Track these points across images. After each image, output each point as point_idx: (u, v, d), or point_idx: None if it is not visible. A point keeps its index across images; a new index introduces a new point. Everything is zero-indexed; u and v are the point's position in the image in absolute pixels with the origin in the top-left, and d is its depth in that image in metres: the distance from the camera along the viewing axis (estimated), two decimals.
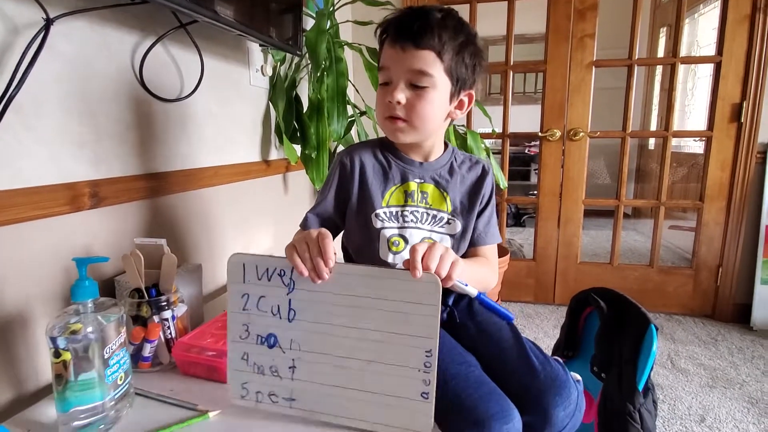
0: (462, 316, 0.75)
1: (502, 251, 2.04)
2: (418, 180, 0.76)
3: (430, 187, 0.77)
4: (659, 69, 3.73)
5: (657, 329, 0.80)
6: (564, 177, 2.11)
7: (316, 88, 1.46)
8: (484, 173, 0.80)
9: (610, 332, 0.87)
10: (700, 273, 2.02)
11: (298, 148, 1.49)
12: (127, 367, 0.62)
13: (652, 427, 0.78)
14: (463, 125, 1.81)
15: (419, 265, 0.51)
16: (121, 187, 0.86)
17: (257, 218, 1.38)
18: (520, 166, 3.98)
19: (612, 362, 0.84)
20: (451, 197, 0.77)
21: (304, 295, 0.56)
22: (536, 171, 2.44)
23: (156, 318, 0.73)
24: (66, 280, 0.75)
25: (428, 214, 0.76)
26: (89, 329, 0.56)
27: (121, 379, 0.61)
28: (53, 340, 0.54)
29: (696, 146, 3.13)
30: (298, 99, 1.52)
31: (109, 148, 0.84)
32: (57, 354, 0.54)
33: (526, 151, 3.99)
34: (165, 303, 0.73)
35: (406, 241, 0.75)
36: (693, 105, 3.21)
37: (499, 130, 2.11)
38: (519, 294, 2.21)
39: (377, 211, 0.74)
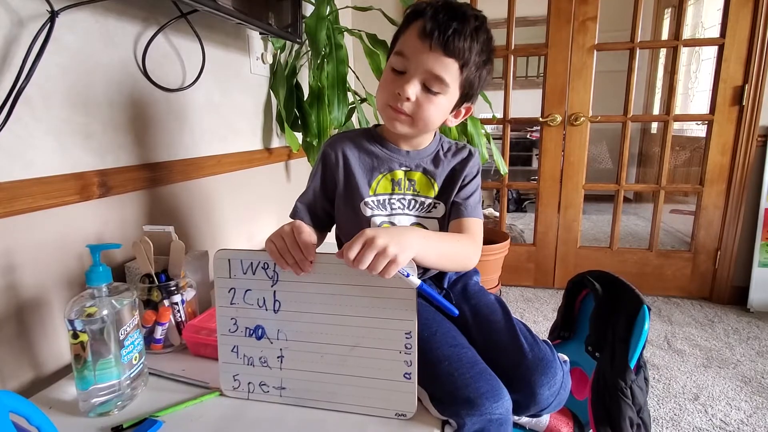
0: (457, 298, 0.77)
1: (502, 236, 2.06)
2: (404, 168, 0.77)
3: (417, 175, 0.77)
4: (663, 51, 3.69)
5: (649, 309, 0.82)
6: (564, 162, 2.11)
7: (316, 75, 1.46)
8: (469, 156, 0.79)
9: (605, 313, 0.90)
10: (698, 256, 2.05)
11: (299, 135, 1.51)
12: (141, 348, 0.66)
13: (643, 402, 0.81)
14: None
15: (350, 263, 0.52)
16: (127, 176, 0.88)
17: (260, 206, 1.40)
18: (522, 152, 3.97)
19: (605, 342, 0.87)
20: (438, 183, 0.78)
21: (287, 286, 0.58)
22: (537, 156, 2.45)
23: (166, 302, 0.76)
24: (79, 267, 0.78)
25: (415, 201, 0.77)
26: (104, 312, 0.59)
27: (135, 359, 0.64)
28: (71, 322, 0.57)
29: (699, 130, 3.12)
30: (298, 86, 1.52)
31: (114, 138, 0.86)
32: (75, 335, 0.57)
33: (528, 136, 3.98)
34: (174, 287, 0.76)
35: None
36: (697, 88, 3.18)
37: (499, 115, 2.12)
38: (519, 278, 2.24)
39: (366, 200, 0.75)
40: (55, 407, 0.62)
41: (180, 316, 0.77)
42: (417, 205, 0.78)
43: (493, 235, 2.14)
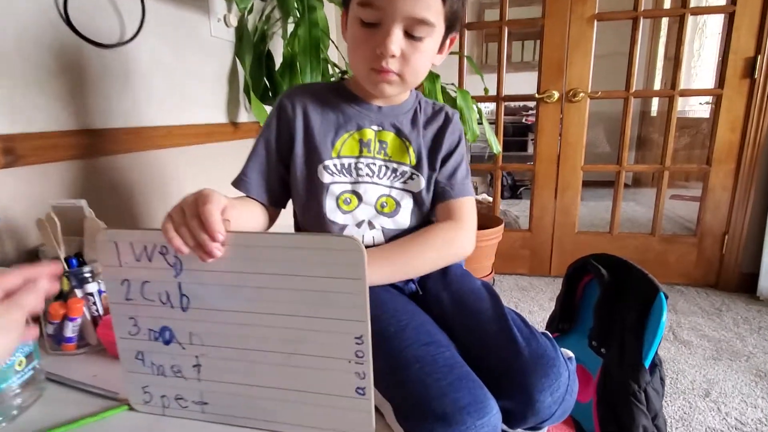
0: (435, 285, 0.64)
1: (495, 221, 1.93)
2: (375, 127, 0.65)
3: (389, 136, 0.65)
4: (664, 30, 3.54)
5: (666, 297, 0.69)
6: (562, 142, 1.98)
7: (290, 42, 1.31)
8: (447, 120, 0.68)
9: (612, 302, 0.77)
10: (704, 241, 1.92)
11: (270, 109, 1.36)
12: (31, 350, 0.52)
13: (659, 407, 0.68)
14: (453, 84, 1.67)
15: None
16: (44, 143, 0.74)
17: (226, 186, 1.26)
18: (517, 137, 3.83)
19: (613, 335, 0.74)
20: (414, 148, 0.65)
21: (195, 276, 0.44)
22: (533, 141, 2.31)
23: (79, 292, 0.62)
24: None
25: (387, 168, 0.64)
26: None
27: (20, 365, 0.50)
28: None
29: (701, 110, 2.99)
30: (269, 55, 1.37)
31: (27, 97, 0.72)
32: None
33: (524, 121, 3.84)
34: (89, 274, 0.62)
35: (359, 198, 0.63)
36: (700, 66, 3.04)
37: (493, 92, 1.97)
38: (513, 266, 2.12)
39: (326, 163, 0.62)
40: None
41: (96, 310, 0.63)
42: (389, 173, 0.64)
43: (485, 220, 2.01)
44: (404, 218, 0.66)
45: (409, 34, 0.56)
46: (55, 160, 0.76)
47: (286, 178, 0.66)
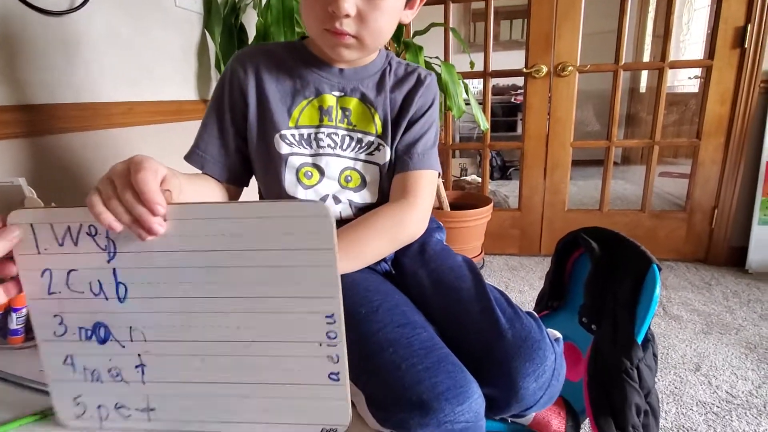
0: (412, 263, 0.59)
1: (484, 201, 1.89)
2: (337, 93, 0.58)
3: (353, 102, 0.58)
4: (652, 6, 3.48)
5: (660, 269, 0.65)
6: (551, 118, 1.93)
7: (262, 12, 1.23)
8: (419, 83, 0.61)
9: (603, 276, 0.73)
10: (694, 216, 1.91)
11: None
12: None
13: (652, 384, 0.65)
14: (438, 57, 1.60)
15: None
16: None
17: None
18: (506, 116, 3.77)
19: (605, 311, 0.70)
20: (380, 115, 0.59)
21: (132, 260, 0.38)
22: (522, 120, 2.26)
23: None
24: None
25: (351, 138, 0.58)
26: None
27: None
28: None
29: (690, 85, 2.96)
30: (242, 27, 1.29)
31: None
32: None
33: (512, 100, 3.78)
34: None
35: (321, 172, 0.58)
36: (689, 40, 3.00)
37: (480, 68, 1.91)
38: (503, 246, 2.09)
39: (282, 132, 0.56)
40: None
41: None
42: (354, 144, 0.58)
43: (474, 199, 1.97)
44: (372, 192, 0.60)
45: None
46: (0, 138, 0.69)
47: (245, 151, 0.60)
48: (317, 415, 0.40)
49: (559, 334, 0.52)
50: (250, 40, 1.29)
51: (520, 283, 1.78)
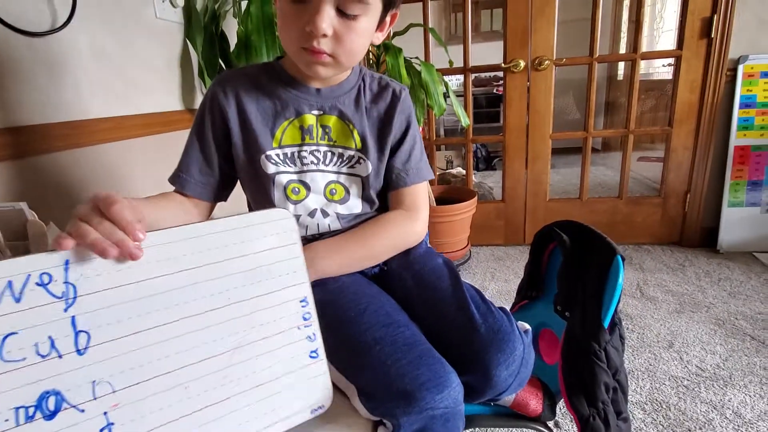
0: (398, 266, 0.64)
1: (469, 194, 1.94)
2: (316, 111, 0.62)
3: (332, 119, 0.62)
4: None
5: (623, 259, 0.71)
6: (530, 111, 1.99)
7: (243, 20, 1.25)
8: (395, 99, 0.65)
9: (574, 267, 0.79)
10: (668, 201, 1.99)
11: None
12: None
13: (619, 363, 0.71)
14: (417, 57, 1.64)
15: None
16: None
17: None
18: (489, 107, 3.82)
19: (575, 299, 0.76)
20: (359, 131, 0.63)
21: (100, 299, 0.35)
22: (503, 112, 2.31)
23: None
24: None
25: (333, 153, 0.62)
26: None
27: None
28: None
29: (665, 72, 3.04)
30: (223, 36, 1.31)
31: None
32: None
33: (495, 91, 3.83)
34: None
35: (307, 187, 0.62)
36: (663, 28, 3.07)
37: (460, 63, 1.95)
38: (489, 237, 2.15)
39: (267, 153, 0.60)
40: None
41: None
42: (335, 159, 0.62)
43: (459, 193, 2.02)
44: (355, 204, 0.64)
45: (341, 12, 0.52)
46: None
47: (227, 169, 0.63)
48: (306, 399, 0.43)
49: (528, 326, 0.58)
50: (232, 47, 1.31)
51: (505, 272, 1.85)
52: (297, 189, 0.61)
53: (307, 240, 0.63)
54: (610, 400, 0.70)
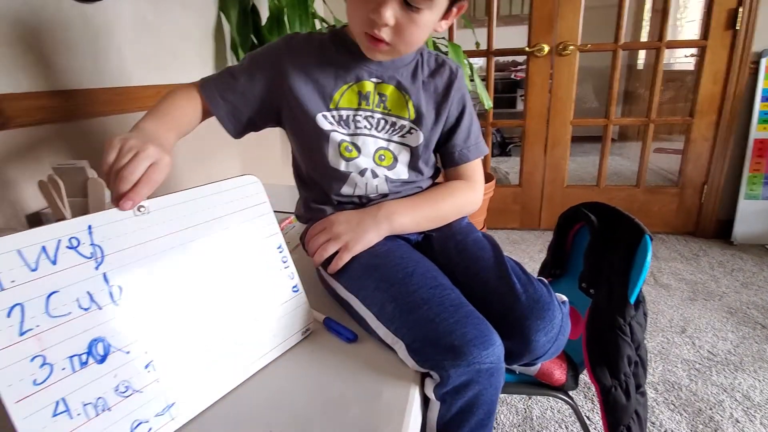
0: (441, 235, 0.67)
1: (487, 177, 1.96)
2: (375, 79, 0.64)
3: (389, 89, 0.64)
4: None
5: (651, 239, 0.73)
6: (552, 97, 1.98)
7: None
8: (452, 76, 0.67)
9: (601, 246, 0.81)
10: (685, 191, 2.00)
11: None
12: None
13: (641, 339, 0.74)
14: (444, 38, 1.64)
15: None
16: (32, 104, 0.72)
17: (218, 145, 1.24)
18: (506, 93, 3.79)
19: (602, 277, 0.79)
20: (414, 102, 0.65)
21: (125, 257, 0.40)
22: (522, 98, 2.29)
23: None
24: None
25: (386, 121, 0.65)
26: None
27: None
28: None
29: (686, 63, 2.99)
30: (255, 10, 1.32)
31: (9, 56, 0.69)
32: None
33: (512, 76, 3.79)
34: None
35: (358, 150, 0.64)
36: (686, 18, 3.02)
37: (483, 46, 1.94)
38: (505, 220, 2.17)
39: (325, 113, 0.62)
40: None
41: None
42: (388, 127, 0.65)
43: None
44: (402, 170, 0.67)
45: (407, 3, 0.53)
46: (44, 123, 0.74)
47: (255, 119, 0.64)
48: (294, 324, 0.54)
49: (565, 298, 0.61)
50: (263, 21, 1.32)
51: (520, 255, 1.88)
52: (350, 148, 0.63)
53: (354, 204, 0.66)
54: (632, 373, 0.73)
